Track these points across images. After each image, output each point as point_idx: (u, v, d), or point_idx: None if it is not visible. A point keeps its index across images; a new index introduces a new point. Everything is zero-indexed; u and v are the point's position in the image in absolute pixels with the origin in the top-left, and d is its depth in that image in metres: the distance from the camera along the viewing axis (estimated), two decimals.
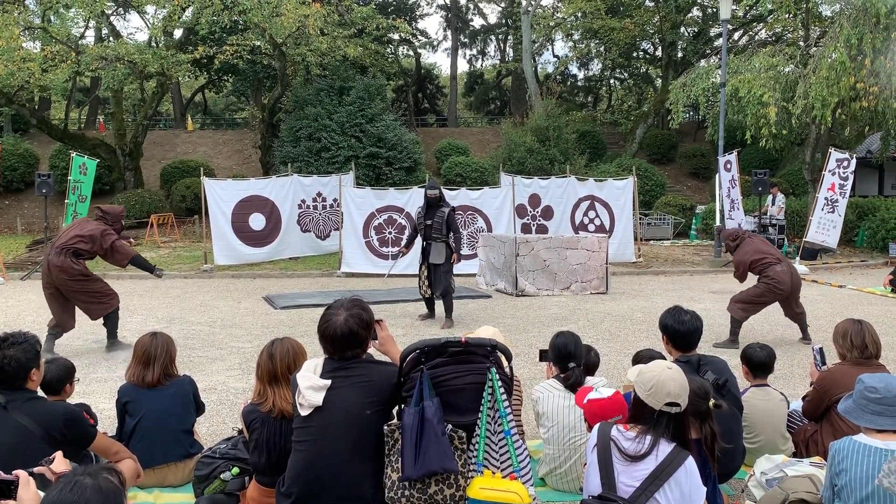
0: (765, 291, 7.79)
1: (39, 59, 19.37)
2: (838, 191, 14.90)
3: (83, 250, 7.51)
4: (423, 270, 9.27)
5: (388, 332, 3.39)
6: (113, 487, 1.96)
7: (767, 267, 7.74)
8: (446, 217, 9.08)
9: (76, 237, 7.48)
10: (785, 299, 7.91)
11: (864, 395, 3.01)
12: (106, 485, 1.94)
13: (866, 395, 3.00)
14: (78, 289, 7.49)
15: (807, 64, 16.51)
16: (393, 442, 2.99)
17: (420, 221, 9.27)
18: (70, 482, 1.93)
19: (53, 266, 7.36)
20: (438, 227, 9.07)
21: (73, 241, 7.45)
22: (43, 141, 25.96)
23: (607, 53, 30.74)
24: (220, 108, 46.48)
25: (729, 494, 3.96)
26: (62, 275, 7.36)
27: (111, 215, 7.81)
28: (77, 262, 7.47)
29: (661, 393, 2.79)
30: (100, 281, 7.78)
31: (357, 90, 21.99)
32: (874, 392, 2.98)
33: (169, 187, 23.68)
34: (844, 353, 4.27)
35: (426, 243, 9.19)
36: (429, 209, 9.22)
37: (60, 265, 7.35)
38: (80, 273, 7.49)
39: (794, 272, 7.89)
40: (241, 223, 15.08)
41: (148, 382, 4.10)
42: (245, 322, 9.43)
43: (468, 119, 44.28)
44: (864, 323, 4.28)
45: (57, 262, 7.35)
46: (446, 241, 9.06)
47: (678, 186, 26.72)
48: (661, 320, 4.06)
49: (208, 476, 3.89)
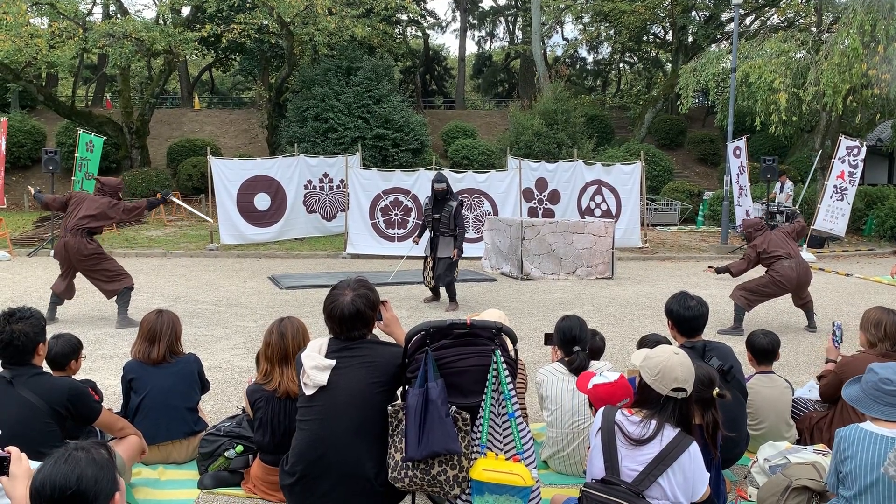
0: (769, 283, 7.77)
1: (47, 36, 19.30)
2: (847, 179, 14.81)
3: (95, 228, 7.78)
4: (428, 262, 9.24)
5: (393, 313, 3.38)
6: (105, 459, 1.97)
7: (777, 261, 7.71)
8: (454, 211, 9.00)
9: (87, 217, 7.71)
10: (792, 292, 7.90)
11: (878, 387, 2.96)
12: (99, 457, 1.95)
13: (880, 387, 2.95)
14: (93, 266, 7.76)
15: (819, 50, 16.36)
16: (397, 422, 2.99)
17: (428, 214, 9.23)
18: (64, 455, 1.94)
19: (70, 247, 7.63)
20: (446, 222, 9.00)
21: (86, 222, 7.69)
22: (50, 118, 25.94)
23: (617, 37, 30.47)
24: (227, 87, 46.39)
25: (732, 480, 3.96)
26: (78, 255, 7.65)
27: (109, 187, 8.00)
28: (91, 240, 7.74)
29: (668, 378, 2.78)
30: (113, 260, 8.01)
31: (364, 71, 21.87)
32: (889, 384, 2.93)
33: (175, 166, 23.66)
34: (875, 341, 4.14)
35: (434, 235, 9.15)
36: (436, 202, 9.16)
37: (76, 245, 7.62)
38: (94, 252, 7.75)
39: (804, 268, 7.82)
40: (247, 203, 15.07)
41: (153, 359, 4.11)
42: (250, 301, 9.45)
43: (476, 101, 44.07)
44: None
45: (73, 243, 7.62)
46: (454, 235, 9.01)
47: (686, 172, 26.59)
48: (667, 306, 4.05)
49: (212, 453, 3.92)
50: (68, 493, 1.87)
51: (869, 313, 4.23)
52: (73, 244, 7.62)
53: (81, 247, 7.63)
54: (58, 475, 1.88)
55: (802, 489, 3.34)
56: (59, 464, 1.91)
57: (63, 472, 1.89)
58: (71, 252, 7.63)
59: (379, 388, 3.05)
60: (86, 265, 7.73)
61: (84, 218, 7.68)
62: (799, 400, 4.61)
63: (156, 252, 14.42)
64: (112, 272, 7.84)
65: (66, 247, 7.65)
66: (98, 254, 7.80)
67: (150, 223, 18.31)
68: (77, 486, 1.87)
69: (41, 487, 1.88)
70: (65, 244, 7.66)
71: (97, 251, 7.79)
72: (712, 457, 3.16)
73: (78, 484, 1.88)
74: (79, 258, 7.66)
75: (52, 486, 1.87)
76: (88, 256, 7.69)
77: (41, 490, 1.88)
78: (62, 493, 1.87)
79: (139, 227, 17.66)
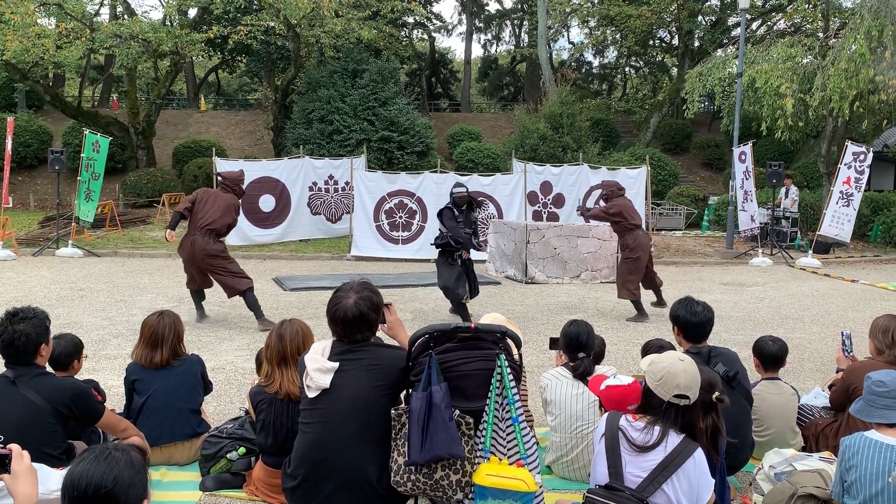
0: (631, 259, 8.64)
1: (54, 36, 19.35)
2: (854, 184, 14.75)
3: (221, 230, 7.91)
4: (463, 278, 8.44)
5: (396, 315, 3.37)
6: (141, 463, 1.97)
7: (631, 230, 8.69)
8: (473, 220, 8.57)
9: (219, 220, 7.81)
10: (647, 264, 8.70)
11: (872, 391, 2.98)
12: (136, 461, 1.95)
13: (874, 390, 2.97)
14: (216, 265, 7.82)
15: (825, 55, 16.31)
16: (400, 426, 2.97)
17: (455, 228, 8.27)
18: (102, 453, 1.92)
19: (199, 248, 7.70)
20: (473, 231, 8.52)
21: (218, 226, 7.81)
22: (56, 118, 26.01)
23: (623, 41, 30.43)
24: (233, 88, 46.44)
25: (737, 487, 3.94)
26: (203, 254, 7.72)
27: (231, 180, 8.08)
28: (217, 241, 7.87)
29: (671, 384, 2.76)
30: (235, 262, 8.11)
31: (370, 73, 21.89)
32: (881, 386, 2.95)
33: (181, 167, 23.69)
34: (882, 349, 4.13)
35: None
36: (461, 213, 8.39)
37: (205, 247, 7.70)
38: (219, 252, 7.85)
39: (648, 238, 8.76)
40: (251, 204, 15.08)
41: (156, 363, 4.08)
42: None
43: (481, 105, 44.06)
44: None
45: (202, 244, 7.69)
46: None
47: (691, 177, 26.53)
48: (673, 311, 4.02)
49: (215, 455, 3.91)
50: (102, 491, 1.85)
51: (878, 321, 4.23)
52: (202, 244, 7.69)
53: (208, 246, 7.70)
54: (95, 473, 1.87)
55: (808, 497, 3.31)
56: (99, 461, 1.89)
57: (101, 471, 1.87)
58: (198, 253, 7.69)
59: (382, 391, 3.03)
60: (209, 263, 7.77)
61: (216, 221, 7.78)
62: (805, 407, 4.58)
63: (160, 253, 14.44)
64: (235, 272, 7.88)
65: (192, 245, 7.72)
66: (223, 255, 7.87)
67: (155, 224, 18.33)
68: (113, 486, 1.86)
69: (77, 481, 1.87)
70: (192, 242, 7.73)
71: (223, 252, 7.89)
72: (714, 462, 3.13)
73: (114, 484, 1.86)
74: (203, 256, 7.71)
75: (87, 482, 1.86)
76: (213, 256, 7.76)
77: (76, 484, 1.87)
78: (96, 491, 1.85)
79: (144, 228, 17.69)
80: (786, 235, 16.78)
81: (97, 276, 11.49)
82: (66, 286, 10.40)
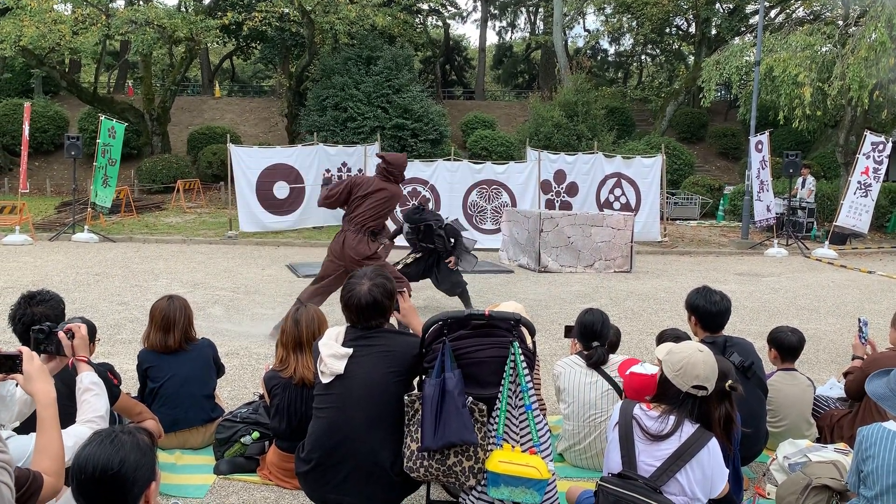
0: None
1: (70, 22, 19.45)
2: (872, 175, 14.59)
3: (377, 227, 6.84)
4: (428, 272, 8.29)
5: (410, 302, 3.37)
6: (148, 445, 1.98)
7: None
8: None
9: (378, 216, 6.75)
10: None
11: None
12: (143, 443, 1.96)
13: None
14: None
15: (845, 44, 16.09)
16: (413, 412, 2.98)
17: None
18: (109, 436, 1.95)
19: (349, 245, 6.62)
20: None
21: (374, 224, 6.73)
22: (72, 104, 26.16)
23: (639, 28, 30.14)
24: (247, 75, 46.52)
25: (750, 478, 3.92)
26: (354, 253, 6.59)
27: (395, 166, 6.84)
28: (374, 240, 6.77)
29: (690, 375, 2.74)
30: (389, 264, 7.13)
31: (384, 60, 21.83)
32: None
33: (195, 153, 23.79)
34: None
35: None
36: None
37: (355, 246, 6.60)
38: (373, 255, 6.70)
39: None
40: (266, 191, 15.12)
41: (169, 347, 4.06)
42: (268, 289, 9.49)
43: (495, 92, 43.89)
44: None
45: (352, 242, 6.61)
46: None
47: (707, 166, 26.33)
48: (691, 300, 3.99)
49: (229, 439, 3.93)
50: (109, 473, 1.88)
51: None
52: (352, 242, 6.59)
53: (361, 247, 6.60)
54: (102, 455, 1.89)
55: (822, 488, 3.29)
56: (105, 444, 1.92)
57: (108, 453, 1.89)
58: (348, 250, 6.59)
59: (395, 377, 3.04)
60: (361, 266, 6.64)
61: (374, 217, 6.69)
62: (820, 398, 4.55)
63: (175, 238, 14.51)
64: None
65: (344, 243, 6.63)
66: (377, 257, 6.70)
67: (170, 210, 18.43)
68: (119, 468, 1.88)
69: (84, 464, 1.89)
70: (345, 237, 6.65)
71: (376, 255, 6.71)
72: (728, 452, 3.12)
73: (121, 466, 1.88)
74: (353, 257, 6.56)
75: (94, 464, 1.88)
76: (367, 259, 6.53)
77: (83, 467, 1.89)
78: (103, 473, 1.88)
79: (159, 214, 17.79)
80: (802, 226, 16.63)
81: (112, 261, 11.57)
82: (83, 271, 10.48)
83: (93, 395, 2.75)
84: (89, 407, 2.72)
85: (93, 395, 2.76)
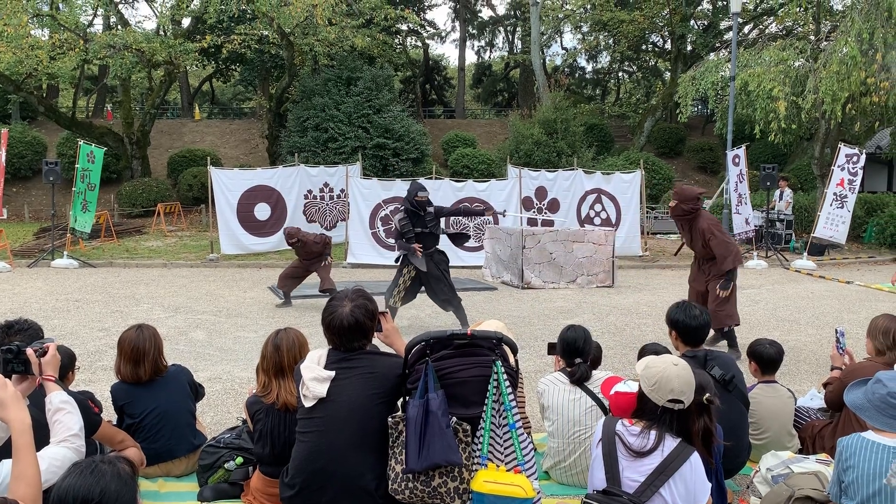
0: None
1: (47, 47, 19.37)
2: (847, 186, 14.80)
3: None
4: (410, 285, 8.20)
5: (392, 323, 3.37)
6: (129, 475, 1.97)
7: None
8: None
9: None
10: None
11: (886, 400, 2.91)
12: (124, 473, 1.95)
13: (888, 401, 2.91)
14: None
15: (817, 58, 16.38)
16: (397, 434, 2.97)
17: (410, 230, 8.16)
18: (90, 466, 1.93)
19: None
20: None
21: None
22: (51, 129, 26.00)
23: (616, 46, 30.56)
24: (227, 97, 46.49)
25: (734, 490, 3.94)
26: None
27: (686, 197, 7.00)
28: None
29: (665, 389, 2.76)
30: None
31: (365, 81, 21.93)
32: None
33: (176, 176, 23.69)
34: (883, 349, 4.09)
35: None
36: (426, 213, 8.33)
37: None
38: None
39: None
40: (246, 213, 15.07)
41: (140, 378, 3.95)
42: (250, 312, 9.44)
43: (476, 111, 44.12)
44: None
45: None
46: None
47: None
48: (671, 315, 4.02)
49: (212, 465, 3.89)
50: None
51: (877, 321, 4.17)
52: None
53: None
54: (82, 486, 1.88)
55: (805, 499, 3.31)
56: (86, 474, 1.90)
57: (88, 484, 1.88)
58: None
59: (379, 399, 3.03)
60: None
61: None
62: (801, 409, 4.58)
63: (156, 262, 14.41)
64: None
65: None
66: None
67: (151, 234, 18.31)
68: (100, 498, 1.87)
69: (64, 495, 1.88)
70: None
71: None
72: (709, 465, 3.14)
73: (101, 497, 1.87)
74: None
75: (74, 495, 1.87)
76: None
77: (64, 498, 1.88)
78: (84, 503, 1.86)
79: (139, 238, 17.66)
80: (780, 238, 16.83)
81: (93, 286, 11.47)
82: (62, 297, 10.38)
83: (65, 415, 2.72)
84: (62, 426, 2.69)
85: (65, 413, 2.73)
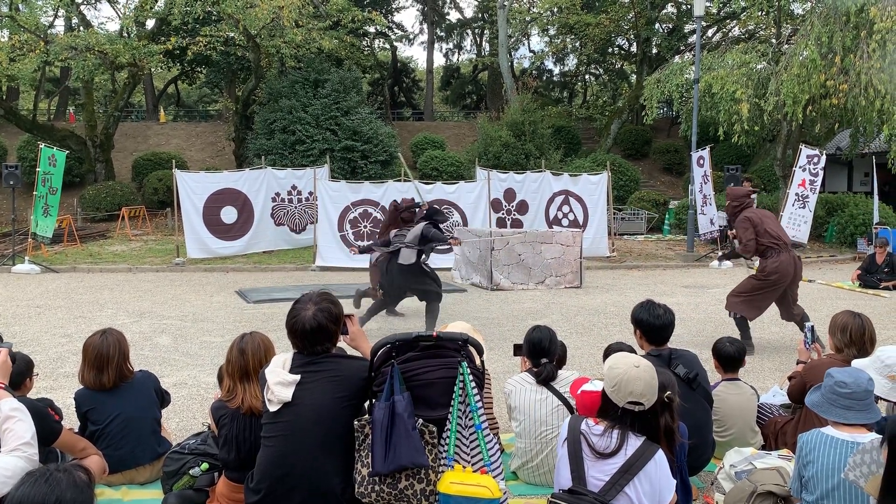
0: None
1: (7, 48, 18.97)
2: (808, 187, 15.10)
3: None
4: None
5: (358, 326, 3.35)
6: (85, 483, 1.93)
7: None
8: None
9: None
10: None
11: (834, 390, 3.02)
12: (80, 480, 1.91)
13: (836, 390, 3.01)
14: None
15: (779, 61, 16.69)
16: (363, 437, 2.96)
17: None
18: (44, 475, 1.89)
19: (799, 261, 7.17)
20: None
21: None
22: (11, 132, 25.45)
23: (583, 49, 30.80)
24: (193, 99, 45.93)
25: (699, 487, 3.99)
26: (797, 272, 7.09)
27: (735, 196, 7.38)
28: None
29: (625, 391, 2.78)
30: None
31: (332, 83, 21.82)
32: (844, 387, 2.99)
33: (141, 180, 23.34)
34: (841, 346, 4.11)
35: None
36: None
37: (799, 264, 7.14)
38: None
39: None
40: (213, 216, 14.92)
41: (104, 385, 3.88)
42: (217, 316, 9.33)
43: (444, 113, 44.18)
44: (865, 318, 4.11)
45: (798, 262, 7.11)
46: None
47: (652, 182, 26.91)
48: (635, 314, 4.06)
49: (177, 472, 3.84)
50: None
51: (837, 317, 4.20)
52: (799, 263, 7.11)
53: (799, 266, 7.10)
54: (36, 495, 1.84)
55: (767, 494, 3.37)
56: (40, 483, 1.87)
57: (42, 493, 1.85)
58: (799, 266, 7.13)
59: (345, 402, 3.02)
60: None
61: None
62: (763, 405, 4.65)
63: (121, 267, 14.19)
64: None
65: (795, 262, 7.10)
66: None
67: (116, 238, 18.02)
68: None
69: None
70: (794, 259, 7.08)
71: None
72: (672, 462, 3.17)
73: None
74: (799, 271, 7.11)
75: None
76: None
77: None
78: None
79: (104, 243, 17.37)
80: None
81: (55, 292, 11.25)
82: (23, 303, 10.16)
83: (15, 423, 2.66)
84: (13, 435, 2.63)
85: (15, 421, 2.67)
